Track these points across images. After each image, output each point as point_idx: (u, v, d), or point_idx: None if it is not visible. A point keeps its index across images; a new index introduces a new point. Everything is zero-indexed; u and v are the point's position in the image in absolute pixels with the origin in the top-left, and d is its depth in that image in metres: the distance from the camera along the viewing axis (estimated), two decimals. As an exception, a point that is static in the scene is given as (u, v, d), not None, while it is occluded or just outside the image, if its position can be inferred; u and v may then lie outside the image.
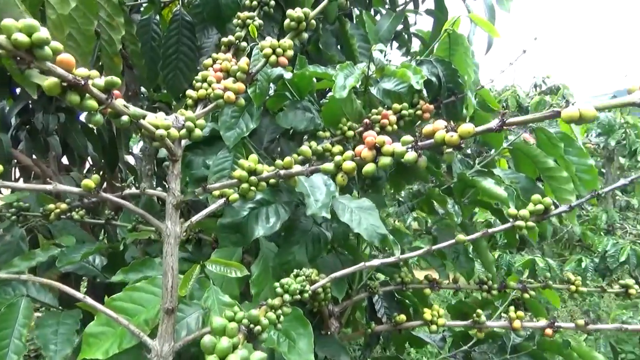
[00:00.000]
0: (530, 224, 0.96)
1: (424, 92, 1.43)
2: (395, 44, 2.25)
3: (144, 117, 0.90)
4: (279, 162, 0.94)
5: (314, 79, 1.37)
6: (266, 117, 1.44)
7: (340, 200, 1.17)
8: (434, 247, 1.01)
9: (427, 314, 1.30)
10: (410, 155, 0.76)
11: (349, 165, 0.83)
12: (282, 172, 0.93)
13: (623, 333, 3.73)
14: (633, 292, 1.38)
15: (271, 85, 1.34)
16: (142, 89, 1.93)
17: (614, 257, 3.91)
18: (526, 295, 1.40)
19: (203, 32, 1.57)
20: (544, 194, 1.38)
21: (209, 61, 1.22)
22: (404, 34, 2.14)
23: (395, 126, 1.37)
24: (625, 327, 1.12)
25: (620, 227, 4.51)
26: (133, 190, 1.06)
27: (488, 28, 1.45)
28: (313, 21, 1.11)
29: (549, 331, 1.19)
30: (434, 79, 1.44)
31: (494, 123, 0.71)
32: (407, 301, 1.55)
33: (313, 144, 1.28)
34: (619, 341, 3.54)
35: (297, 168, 0.93)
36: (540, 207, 0.96)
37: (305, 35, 1.11)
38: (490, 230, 1.00)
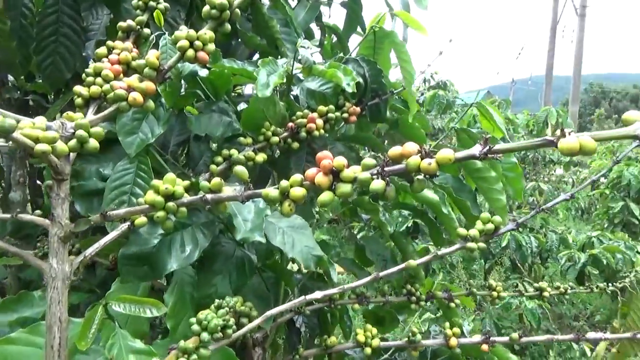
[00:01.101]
0: (482, 245, 0.88)
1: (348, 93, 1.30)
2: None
3: (17, 123, 0.64)
4: (204, 184, 0.74)
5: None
6: (173, 116, 1.21)
7: (269, 220, 1.00)
8: (381, 274, 0.89)
9: (360, 335, 1.19)
10: (377, 184, 0.62)
11: (298, 192, 0.67)
12: (209, 196, 0.74)
13: (504, 312, 4.05)
14: (546, 294, 1.40)
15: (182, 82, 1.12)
16: (10, 77, 1.55)
17: (496, 242, 4.19)
18: (452, 305, 1.35)
19: (90, 11, 1.28)
20: (472, 194, 1.34)
21: (102, 50, 0.96)
22: (317, 25, 1.99)
23: (322, 131, 1.23)
24: (555, 338, 1.11)
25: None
26: None
27: (416, 25, 1.36)
28: (237, 10, 0.91)
29: (485, 347, 1.14)
30: (360, 79, 1.32)
31: (476, 150, 0.60)
32: (328, 316, 1.43)
33: (233, 151, 1.09)
34: (499, 318, 3.81)
35: (228, 192, 0.74)
36: (490, 226, 0.89)
37: (228, 26, 0.91)
38: (440, 252, 0.91)
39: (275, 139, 1.16)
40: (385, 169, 0.64)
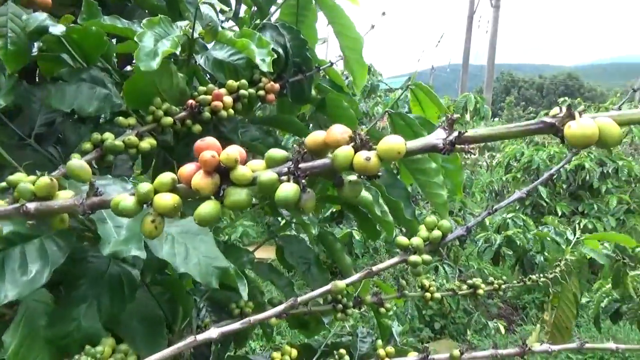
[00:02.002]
0: (427, 257, 0.69)
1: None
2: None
3: None
4: (24, 187, 0.47)
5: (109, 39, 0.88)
6: (40, 88, 0.90)
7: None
8: (300, 299, 0.66)
9: (277, 357, 0.96)
10: (287, 190, 0.39)
11: (165, 202, 0.42)
12: (31, 205, 0.46)
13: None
14: (481, 292, 1.26)
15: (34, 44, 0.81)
16: None
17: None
18: (382, 310, 1.17)
19: None
20: (406, 191, 1.15)
21: None
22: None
23: (231, 111, 0.97)
24: (499, 353, 0.95)
25: (421, 198, 4.86)
26: None
27: (345, -7, 1.13)
28: None
29: (421, 367, 0.96)
30: (280, 50, 1.07)
31: (438, 137, 0.38)
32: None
33: (107, 135, 0.81)
34: (420, 300, 3.78)
35: (63, 197, 0.47)
36: (436, 233, 0.69)
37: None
38: (375, 268, 0.70)
39: (168, 119, 0.88)
40: (301, 165, 0.40)
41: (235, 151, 0.41)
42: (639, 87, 0.86)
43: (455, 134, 0.36)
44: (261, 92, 1.04)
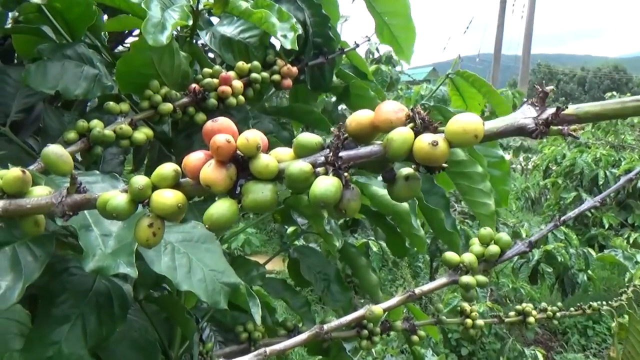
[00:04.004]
0: (482, 278, 0.62)
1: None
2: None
3: None
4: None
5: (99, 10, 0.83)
6: (16, 69, 0.86)
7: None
8: (327, 326, 0.60)
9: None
10: (326, 184, 0.33)
11: (166, 201, 0.37)
12: (6, 205, 0.41)
13: (451, 312, 3.94)
14: (532, 320, 1.19)
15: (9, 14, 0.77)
16: None
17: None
18: (415, 338, 1.11)
19: None
20: (446, 200, 1.09)
21: None
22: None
23: (241, 97, 0.92)
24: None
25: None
26: None
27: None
28: None
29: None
30: (299, 26, 1.02)
31: (527, 117, 0.32)
32: None
33: (95, 123, 0.76)
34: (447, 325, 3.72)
35: (38, 194, 0.42)
36: (494, 249, 0.63)
37: None
38: (417, 291, 0.64)
39: (168, 106, 0.83)
40: (342, 154, 0.35)
41: (256, 135, 0.36)
42: None
43: (551, 110, 0.30)
44: (276, 77, 0.99)
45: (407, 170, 0.37)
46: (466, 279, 0.62)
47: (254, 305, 0.75)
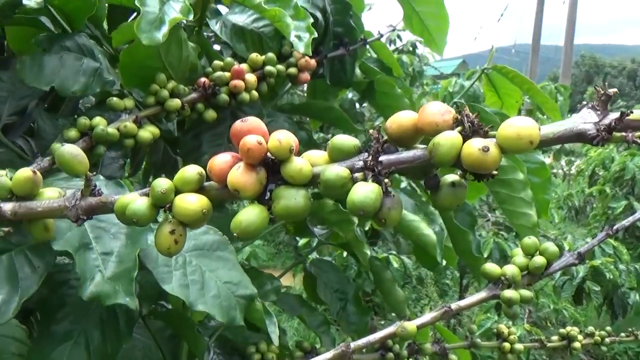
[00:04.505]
0: (526, 293, 0.64)
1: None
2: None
3: None
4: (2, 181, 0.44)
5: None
6: (8, 71, 0.89)
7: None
8: (353, 344, 0.61)
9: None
10: (365, 191, 0.35)
11: (190, 206, 0.39)
12: (6, 207, 0.44)
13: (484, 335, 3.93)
14: (577, 345, 1.20)
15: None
16: None
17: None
18: (447, 364, 1.12)
19: None
20: (473, 218, 1.12)
21: None
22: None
23: (255, 93, 0.95)
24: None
25: (479, 215, 4.77)
26: None
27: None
28: None
29: None
30: (317, 14, 1.04)
31: (587, 121, 0.34)
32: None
33: (98, 121, 0.78)
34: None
35: (49, 196, 0.44)
36: (539, 260, 0.64)
37: None
38: (454, 306, 0.65)
39: (176, 102, 0.86)
40: (382, 158, 0.37)
41: (289, 137, 0.38)
42: None
43: (615, 115, 0.32)
44: (292, 70, 1.02)
45: (453, 176, 0.38)
46: (509, 293, 0.63)
47: (270, 323, 0.77)
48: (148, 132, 0.83)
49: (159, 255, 0.69)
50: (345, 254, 2.31)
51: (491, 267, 0.66)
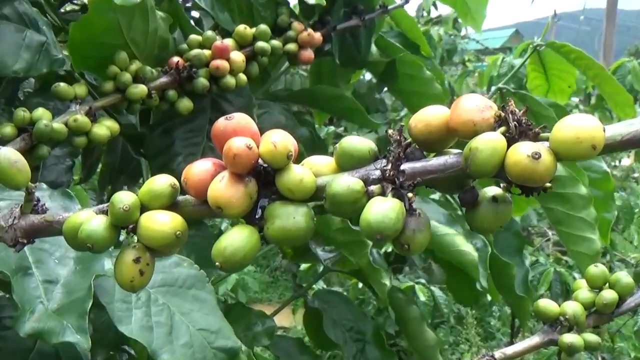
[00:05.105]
0: (592, 338, 0.66)
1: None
2: None
3: None
4: None
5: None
6: None
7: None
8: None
9: None
10: (384, 209, 0.37)
11: (160, 226, 0.40)
12: None
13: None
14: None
15: None
16: None
17: (531, 283, 4.08)
18: None
19: None
20: (519, 238, 1.15)
21: None
22: None
23: (242, 76, 0.99)
24: None
25: (537, 233, 4.78)
26: None
27: None
28: None
29: None
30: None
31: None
32: None
33: (40, 113, 0.81)
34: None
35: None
36: (609, 295, 0.66)
37: None
38: (497, 355, 0.67)
39: (141, 88, 0.89)
40: (404, 167, 0.38)
41: (286, 139, 0.39)
42: None
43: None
44: (291, 46, 1.05)
45: (494, 189, 0.39)
46: (569, 338, 0.66)
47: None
48: (105, 128, 0.86)
49: (115, 286, 0.71)
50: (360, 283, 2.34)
51: (546, 304, 0.68)
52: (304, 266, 2.70)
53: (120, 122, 0.94)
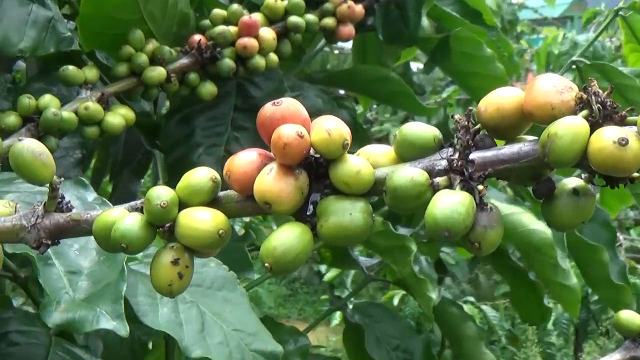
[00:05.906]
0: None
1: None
2: None
3: None
4: None
5: None
6: None
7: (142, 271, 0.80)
8: None
9: None
10: (451, 203, 0.39)
11: (201, 225, 0.43)
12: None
13: None
14: None
15: None
16: None
17: (601, 303, 4.05)
18: None
19: None
20: (610, 228, 1.15)
21: None
22: None
23: (273, 56, 1.02)
24: None
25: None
26: None
27: None
28: None
29: None
30: None
31: None
32: None
33: (47, 101, 0.84)
34: None
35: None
36: None
37: None
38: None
39: (159, 71, 0.92)
40: (473, 156, 0.41)
41: (341, 127, 0.41)
42: None
43: None
44: (328, 21, 1.07)
45: (575, 181, 0.41)
46: None
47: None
48: (119, 117, 0.89)
49: (138, 280, 0.74)
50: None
51: (629, 315, 0.69)
52: (329, 274, 2.71)
53: (135, 111, 0.97)
